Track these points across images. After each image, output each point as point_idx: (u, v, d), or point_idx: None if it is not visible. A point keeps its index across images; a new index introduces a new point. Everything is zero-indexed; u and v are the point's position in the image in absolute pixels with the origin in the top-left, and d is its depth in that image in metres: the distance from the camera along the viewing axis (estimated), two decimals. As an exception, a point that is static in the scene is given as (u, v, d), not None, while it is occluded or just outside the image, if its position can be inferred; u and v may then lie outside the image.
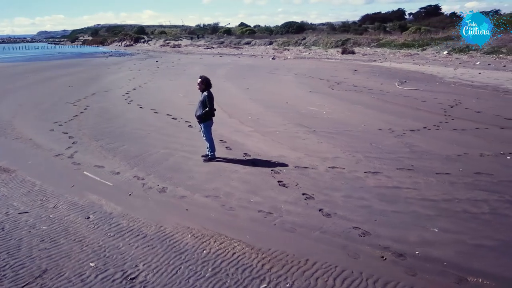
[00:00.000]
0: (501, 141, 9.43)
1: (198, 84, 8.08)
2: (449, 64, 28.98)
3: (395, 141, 9.56)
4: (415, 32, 53.33)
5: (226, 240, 5.25)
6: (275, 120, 12.02)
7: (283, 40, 61.56)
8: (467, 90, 17.27)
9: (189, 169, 7.85)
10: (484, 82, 19.69)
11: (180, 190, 6.84)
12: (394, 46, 46.80)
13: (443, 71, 24.72)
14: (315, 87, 18.82)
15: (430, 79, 21.36)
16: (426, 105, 13.91)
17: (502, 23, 45.64)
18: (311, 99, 15.64)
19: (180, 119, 12.29)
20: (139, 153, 8.83)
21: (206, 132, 8.19)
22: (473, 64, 28.41)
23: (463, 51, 38.34)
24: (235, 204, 6.24)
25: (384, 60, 34.03)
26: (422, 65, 29.25)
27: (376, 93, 16.87)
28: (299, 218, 5.76)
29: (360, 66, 28.77)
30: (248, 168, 7.81)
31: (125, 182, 7.27)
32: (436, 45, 42.89)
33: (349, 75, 23.84)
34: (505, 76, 21.81)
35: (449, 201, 6.21)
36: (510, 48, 34.94)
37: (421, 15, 72.32)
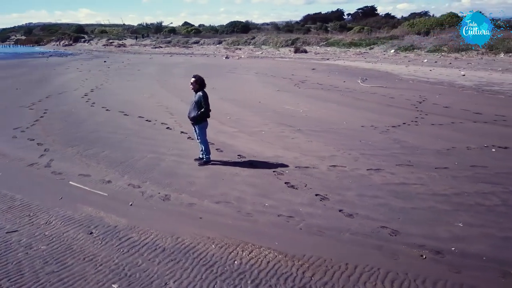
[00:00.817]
0: (479, 134, 9.85)
1: (191, 84, 7.63)
2: (399, 62, 30.27)
3: (382, 137, 9.68)
4: (359, 31, 55.44)
5: (254, 248, 4.93)
6: (255, 120, 11.75)
7: (233, 39, 61.29)
8: (426, 86, 18.05)
9: (186, 174, 7.39)
10: (438, 78, 20.72)
11: (185, 197, 6.39)
12: (343, 45, 48.25)
13: (396, 69, 25.74)
14: (282, 86, 18.78)
15: (388, 76, 22.12)
16: (396, 102, 14.31)
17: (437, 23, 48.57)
18: (282, 98, 15.54)
19: (154, 121, 11.66)
20: (124, 159, 8.20)
21: (201, 134, 7.77)
22: (421, 62, 29.90)
23: (408, 49, 40.33)
24: (250, 209, 5.92)
25: (337, 58, 34.88)
26: (375, 63, 30.30)
27: (343, 90, 17.13)
28: (323, 220, 5.56)
29: (316, 65, 29.23)
30: (248, 171, 7.50)
31: (121, 191, 6.68)
32: (382, 44, 44.75)
33: (309, 73, 24.10)
34: (454, 73, 23.12)
35: (459, 195, 6.30)
36: (450, 46, 37.22)
37: (358, 16, 75.88)
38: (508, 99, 14.75)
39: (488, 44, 35.43)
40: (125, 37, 78.65)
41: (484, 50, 34.51)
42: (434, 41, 40.90)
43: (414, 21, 53.45)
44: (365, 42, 46.63)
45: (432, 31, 46.29)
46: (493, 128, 10.51)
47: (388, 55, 35.60)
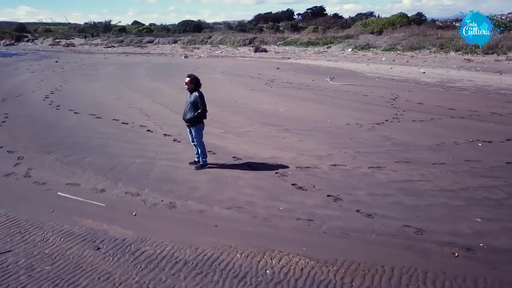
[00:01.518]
0: (460, 129, 10.16)
1: (186, 83, 7.23)
2: (359, 61, 31.01)
3: (371, 134, 9.73)
4: (314, 31, 56.40)
5: (283, 256, 4.68)
6: (238, 120, 11.46)
7: (188, 38, 60.21)
8: (394, 84, 18.54)
9: (184, 179, 6.99)
10: (402, 76, 21.39)
11: (192, 204, 6.01)
12: (300, 44, 48.82)
13: (359, 67, 26.32)
14: (253, 85, 18.56)
15: (353, 74, 22.54)
16: (371, 99, 14.53)
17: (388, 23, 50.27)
18: (257, 97, 15.33)
19: (132, 123, 11.05)
20: (112, 165, 7.64)
21: (197, 136, 7.38)
22: (380, 60, 30.82)
23: (364, 48, 41.51)
24: (266, 214, 5.66)
25: (298, 58, 35.18)
26: (336, 61, 30.85)
27: (315, 89, 17.20)
28: (343, 222, 5.41)
29: (280, 64, 29.28)
30: (249, 173, 7.22)
31: (119, 200, 6.17)
32: (339, 43, 45.77)
33: (275, 72, 24.05)
34: (415, 70, 23.98)
35: (466, 190, 6.39)
36: (404, 45, 38.71)
37: (308, 16, 77.72)
38: (473, 95, 15.43)
39: (438, 43, 37.34)
40: (73, 36, 74.95)
41: (436, 48, 36.23)
42: (388, 40, 42.38)
43: (367, 21, 55.28)
44: (322, 41, 47.46)
45: (385, 30, 47.99)
46: (470, 123, 10.89)
47: (346, 54, 36.41)
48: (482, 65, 25.68)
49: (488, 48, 32.93)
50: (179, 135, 9.78)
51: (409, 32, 44.27)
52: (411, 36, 42.26)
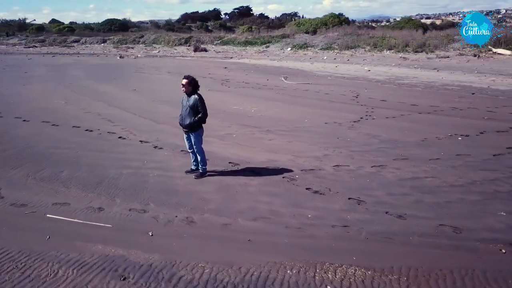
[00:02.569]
0: (434, 124, 10.56)
1: (183, 85, 6.63)
2: (302, 60, 31.54)
3: (354, 133, 9.74)
4: (248, 30, 56.61)
5: (336, 268, 4.37)
6: (213, 122, 10.86)
7: (119, 38, 57.39)
8: (347, 82, 19.00)
9: (188, 190, 6.39)
10: (350, 74, 22.02)
11: (210, 217, 5.47)
12: (238, 43, 48.73)
13: (305, 66, 26.72)
14: (209, 86, 17.92)
15: (304, 73, 22.78)
16: (334, 98, 14.69)
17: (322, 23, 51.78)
18: (220, 98, 14.82)
19: (97, 130, 10.05)
20: (98, 179, 6.79)
21: (197, 143, 6.80)
22: (322, 59, 31.61)
23: (302, 47, 42.42)
24: (296, 223, 5.30)
25: (241, 57, 34.94)
26: (280, 61, 31.08)
27: (275, 89, 17.06)
28: (379, 226, 5.22)
29: (226, 64, 28.82)
30: (256, 179, 6.80)
31: (125, 219, 5.44)
32: (276, 43, 46.33)
33: (224, 72, 23.59)
34: (358, 68, 24.87)
35: (474, 184, 6.54)
36: (340, 44, 40.17)
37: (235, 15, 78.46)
38: (425, 91, 16.25)
39: (371, 42, 39.23)
40: (-16, 36, 67.90)
41: (370, 47, 38.03)
42: (324, 40, 43.73)
43: (300, 21, 56.65)
44: (260, 40, 47.75)
45: (319, 30, 49.46)
46: (439, 118, 11.38)
47: (288, 53, 36.91)
48: (417, 62, 27.34)
49: (417, 46, 35.31)
50: (157, 141, 9.05)
51: (342, 31, 46.10)
52: (344, 36, 44.00)
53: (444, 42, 36.31)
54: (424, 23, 57.10)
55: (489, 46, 32.17)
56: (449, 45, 35.49)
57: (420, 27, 50.19)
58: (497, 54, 29.72)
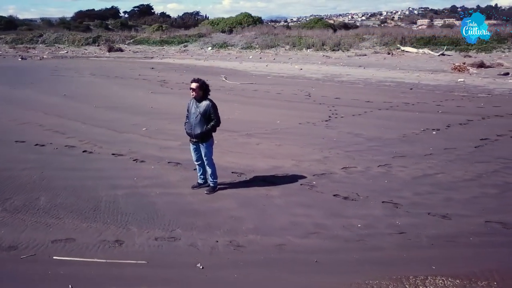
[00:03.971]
0: (402, 120, 10.94)
1: (193, 90, 5.84)
2: (228, 59, 31.14)
3: (335, 132, 9.66)
4: (158, 29, 54.63)
5: (424, 280, 4.09)
6: (181, 129, 9.98)
7: (12, 37, 51.26)
8: (288, 81, 19.07)
9: (209, 208, 5.65)
10: (287, 73, 22.19)
11: (257, 238, 4.84)
12: (153, 43, 46.67)
13: (236, 65, 26.35)
14: (149, 88, 16.70)
15: (240, 73, 22.40)
16: (288, 97, 14.56)
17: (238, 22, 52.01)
18: (169, 101, 13.86)
19: (49, 144, 8.63)
20: (91, 204, 5.70)
21: (208, 153, 6.04)
22: (248, 58, 31.54)
23: (223, 46, 42.02)
24: (352, 235, 4.92)
25: (162, 57, 33.38)
26: (206, 60, 30.32)
27: (222, 89, 16.40)
28: (434, 229, 5.06)
29: (150, 64, 27.25)
30: (273, 189, 6.27)
31: (158, 251, 4.57)
32: (194, 42, 45.30)
33: (153, 72, 22.32)
34: (289, 67, 25.24)
35: (482, 177, 6.76)
36: (260, 43, 40.56)
37: (135, 14, 75.84)
38: (367, 87, 16.95)
39: (290, 42, 40.30)
40: None
41: (289, 46, 39.02)
42: (242, 39, 43.84)
43: (214, 20, 56.14)
44: (177, 40, 46.31)
45: (235, 29, 49.46)
46: (400, 113, 11.84)
47: (210, 53, 36.22)
48: (340, 60, 28.63)
49: (334, 45, 37.12)
50: (133, 153, 7.99)
51: (258, 31, 46.68)
52: (261, 35, 44.61)
53: (356, 41, 38.74)
54: (332, 23, 60.52)
55: (397, 45, 35.05)
56: (361, 44, 37.97)
57: (329, 26, 53.21)
58: (406, 52, 32.45)
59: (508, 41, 34.33)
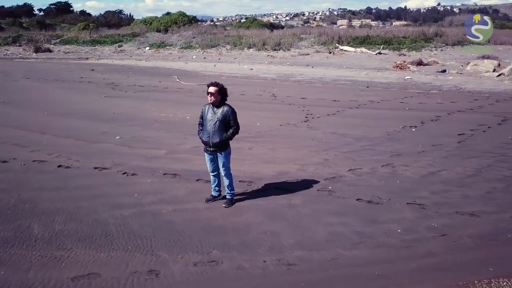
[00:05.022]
0: (377, 118, 11.11)
1: (211, 94, 5.32)
2: (170, 59, 30.05)
3: (320, 133, 9.54)
4: (85, 28, 51.49)
5: (489, 283, 4.04)
6: (160, 136, 9.34)
7: None
8: (245, 81, 18.73)
9: (237, 224, 5.19)
10: (239, 74, 21.80)
11: (305, 254, 4.49)
12: (83, 43, 43.78)
13: (183, 66, 25.45)
14: (102, 92, 15.45)
15: (190, 73, 21.62)
16: (254, 98, 14.26)
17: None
18: (131, 105, 12.90)
19: (12, 160, 7.53)
20: (99, 230, 4.98)
21: (227, 163, 5.57)
22: (192, 58, 30.65)
23: (161, 46, 40.48)
24: (398, 242, 4.76)
25: (99, 58, 31.29)
26: (148, 61, 28.98)
27: (181, 91, 15.72)
28: (471, 229, 5.05)
29: (87, 65, 25.38)
30: (292, 197, 5.95)
31: (205, 279, 4.05)
32: (129, 41, 43.18)
33: (97, 74, 20.80)
34: (239, 67, 24.89)
35: (482, 172, 6.97)
36: (200, 43, 39.70)
37: (52, 12, 71.38)
38: (326, 86, 17.15)
39: (231, 41, 39.94)
40: None
41: (230, 46, 38.64)
42: (180, 38, 42.63)
43: (146, 19, 53.96)
44: (110, 39, 43.85)
45: (170, 28, 47.98)
46: (372, 111, 12.05)
47: (149, 53, 34.72)
48: (286, 60, 28.87)
49: (275, 45, 37.41)
50: (119, 165, 7.22)
51: (196, 30, 45.72)
52: (199, 34, 43.73)
53: (295, 41, 39.40)
54: (267, 23, 61.12)
55: (336, 44, 36.22)
56: (300, 43, 38.71)
57: (265, 26, 53.69)
58: (345, 51, 33.62)
59: (434, 40, 37.03)
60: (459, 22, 66.30)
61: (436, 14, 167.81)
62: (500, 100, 13.78)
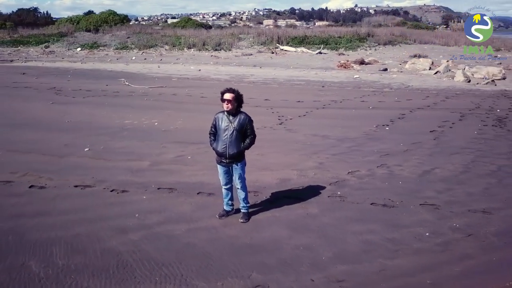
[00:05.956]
0: (348, 118, 11.28)
1: (228, 102, 4.93)
2: (108, 60, 28.31)
3: (301, 135, 9.44)
4: (1, 28, 47.30)
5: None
6: (136, 145, 8.62)
7: None
8: (198, 83, 18.13)
9: (263, 240, 4.84)
10: (189, 75, 21.08)
11: (347, 268, 4.28)
12: (3, 43, 39.97)
13: (125, 67, 24.11)
14: (47, 98, 14.04)
15: (137, 76, 20.46)
16: (217, 100, 13.72)
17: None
18: (83, 112, 11.84)
19: (-29, 182, 6.45)
20: (113, 261, 4.37)
21: (243, 174, 5.21)
22: (131, 59, 29.19)
23: (93, 47, 38.08)
24: (432, 245, 4.73)
25: (25, 60, 28.53)
26: (84, 62, 27.08)
27: (135, 95, 14.76)
28: (488, 226, 5.18)
29: (17, 68, 23.08)
30: (306, 206, 5.73)
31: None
32: (57, 42, 40.21)
33: (32, 79, 18.89)
34: (184, 68, 24.13)
35: (470, 169, 7.27)
36: (136, 43, 37.96)
37: None
38: (282, 87, 17.12)
39: (170, 42, 38.74)
40: None
41: (169, 46, 37.41)
42: (113, 38, 40.51)
43: (72, 18, 50.58)
44: (34, 39, 40.45)
45: (101, 28, 45.44)
46: (339, 111, 12.20)
47: (82, 54, 32.51)
48: (231, 60, 28.55)
49: (216, 45, 36.91)
50: (102, 182, 6.52)
51: (130, 30, 43.75)
52: (134, 34, 41.89)
53: (235, 41, 39.22)
54: (202, 23, 60.26)
55: (276, 44, 36.61)
56: (239, 43, 38.63)
57: (200, 26, 52.88)
58: (286, 51, 34.09)
59: (367, 39, 38.88)
60: (376, 22, 70.92)
61: (354, 15, 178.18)
62: (449, 96, 14.67)
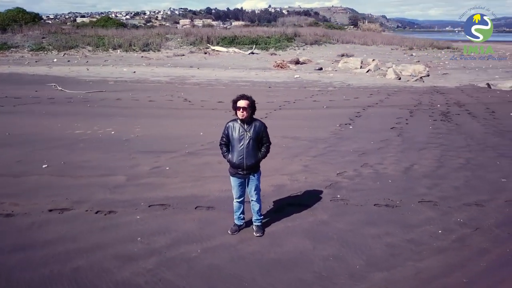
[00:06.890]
0: (308, 118, 11.35)
1: (243, 110, 4.61)
2: (26, 63, 25.75)
3: (272, 138, 9.21)
4: None
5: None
6: (99, 158, 7.85)
7: None
8: (139, 86, 17.20)
9: (289, 255, 4.61)
10: (126, 77, 19.88)
11: (385, 275, 4.22)
12: None
13: (48, 71, 22.04)
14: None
15: (67, 80, 18.83)
16: (168, 104, 13.16)
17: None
18: (27, 123, 10.56)
19: None
20: None
21: (259, 185, 4.94)
22: (53, 61, 26.86)
23: (3, 48, 34.43)
24: (450, 243, 4.84)
25: None
26: (24, 66, 24.32)
27: (75, 102, 13.51)
28: (487, 219, 5.42)
29: None
30: (315, 213, 5.61)
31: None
32: None
33: None
34: (116, 70, 22.77)
35: (443, 163, 7.65)
36: (55, 44, 35.05)
37: None
38: (229, 88, 16.81)
39: (93, 42, 36.36)
40: None
41: (92, 47, 35.10)
42: (27, 39, 37.05)
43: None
44: None
45: (9, 27, 41.29)
46: (296, 112, 12.26)
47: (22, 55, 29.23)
48: (164, 61, 27.56)
49: (144, 45, 35.40)
50: (80, 203, 5.84)
51: (45, 30, 40.32)
52: (50, 34, 38.71)
53: (162, 41, 38.03)
54: (122, 22, 57.53)
55: (207, 44, 36.10)
56: (167, 43, 37.55)
57: (121, 26, 50.50)
58: (218, 51, 33.77)
59: (294, 40, 39.96)
60: (290, 22, 73.74)
61: (268, 15, 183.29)
62: (390, 94, 15.52)
